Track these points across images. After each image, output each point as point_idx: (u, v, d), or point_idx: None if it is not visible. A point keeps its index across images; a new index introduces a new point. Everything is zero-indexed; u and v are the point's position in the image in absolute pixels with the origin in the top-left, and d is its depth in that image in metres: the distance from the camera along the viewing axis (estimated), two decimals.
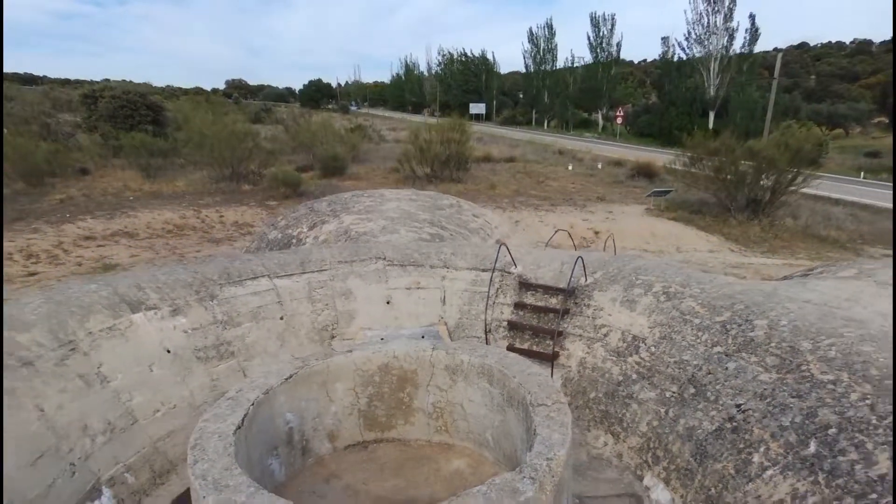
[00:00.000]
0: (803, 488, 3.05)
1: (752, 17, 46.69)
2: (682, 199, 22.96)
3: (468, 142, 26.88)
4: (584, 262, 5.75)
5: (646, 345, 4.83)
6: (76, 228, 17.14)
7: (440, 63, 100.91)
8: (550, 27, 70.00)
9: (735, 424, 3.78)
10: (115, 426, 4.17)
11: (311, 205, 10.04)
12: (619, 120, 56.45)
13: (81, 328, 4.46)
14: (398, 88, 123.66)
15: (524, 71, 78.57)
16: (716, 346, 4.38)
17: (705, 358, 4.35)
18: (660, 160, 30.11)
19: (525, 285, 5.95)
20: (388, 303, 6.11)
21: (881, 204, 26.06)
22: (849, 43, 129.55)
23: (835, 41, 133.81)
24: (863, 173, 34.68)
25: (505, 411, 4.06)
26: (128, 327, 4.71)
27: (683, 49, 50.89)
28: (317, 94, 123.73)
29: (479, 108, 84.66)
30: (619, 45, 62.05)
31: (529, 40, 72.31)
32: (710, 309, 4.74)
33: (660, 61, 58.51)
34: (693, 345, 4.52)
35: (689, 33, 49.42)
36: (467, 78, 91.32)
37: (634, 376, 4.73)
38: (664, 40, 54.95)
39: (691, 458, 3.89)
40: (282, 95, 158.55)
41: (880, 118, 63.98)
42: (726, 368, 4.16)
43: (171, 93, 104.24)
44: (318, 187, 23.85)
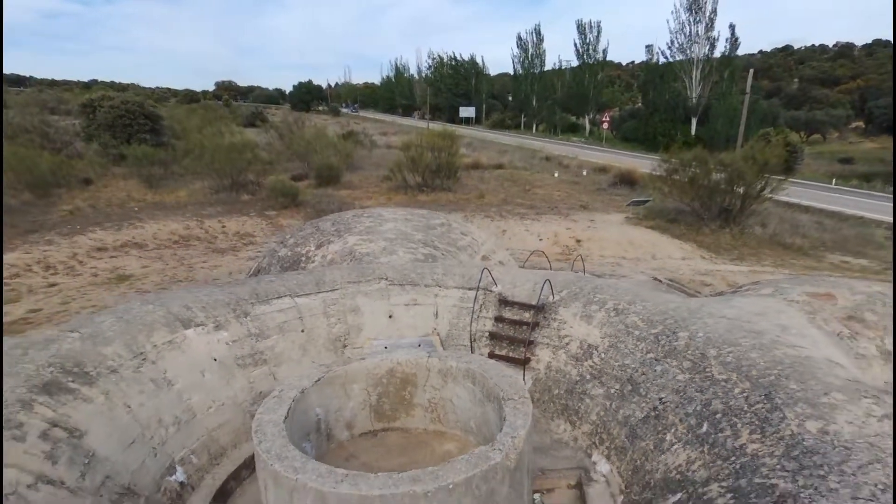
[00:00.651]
0: (694, 456, 4.29)
1: (732, 27, 48.27)
2: (660, 208, 24.28)
3: (457, 152, 28.08)
4: (551, 283, 6.98)
5: (598, 352, 6.07)
6: (88, 240, 18.13)
7: (430, 66, 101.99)
8: (539, 33, 71.49)
9: (657, 413, 5.01)
10: (181, 419, 5.33)
11: (316, 223, 11.18)
12: (605, 125, 57.93)
13: (148, 342, 5.61)
14: (388, 91, 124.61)
15: (513, 73, 79.92)
16: (649, 353, 5.62)
17: (641, 362, 5.59)
18: (644, 166, 31.42)
19: (504, 302, 7.17)
20: (390, 317, 7.30)
21: (849, 211, 27.51)
22: (832, 46, 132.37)
23: (818, 44, 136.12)
24: (834, 180, 36.27)
25: (484, 405, 5.26)
26: (182, 341, 5.86)
27: (667, 57, 52.50)
28: (307, 96, 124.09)
29: (468, 111, 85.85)
30: (605, 51, 63.61)
31: (518, 45, 73.68)
32: (648, 323, 5.99)
33: (644, 66, 60.24)
34: (633, 352, 5.76)
35: (672, 42, 51.00)
36: (457, 81, 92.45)
37: (588, 377, 5.96)
38: (648, 48, 56.58)
39: (625, 439, 5.12)
40: (272, 97, 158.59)
41: (857, 123, 66.01)
42: (655, 370, 5.40)
43: (162, 95, 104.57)
44: (315, 197, 24.92)
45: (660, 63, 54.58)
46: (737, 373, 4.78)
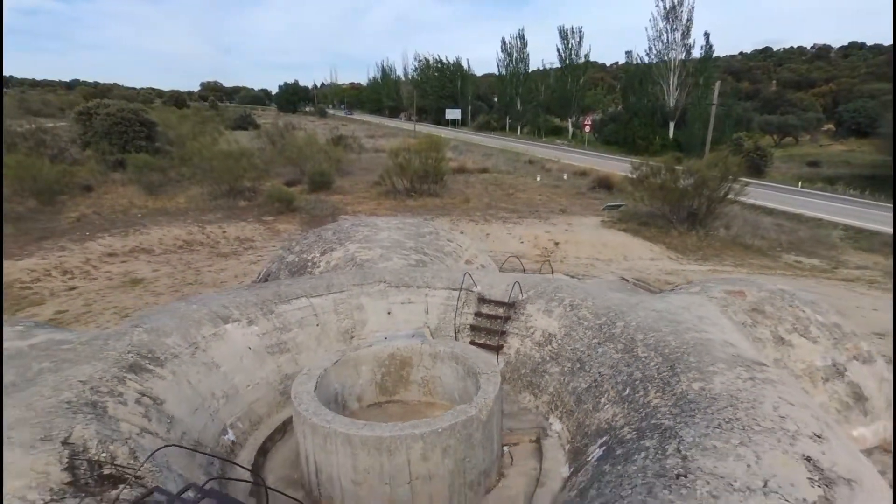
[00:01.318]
0: (618, 411, 5.85)
1: (707, 35, 50.36)
2: (633, 212, 26.00)
3: (444, 159, 29.58)
4: (520, 285, 8.53)
5: (556, 339, 7.62)
6: (98, 246, 19.36)
7: (416, 69, 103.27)
8: (522, 37, 73.24)
9: (596, 383, 6.57)
10: (228, 394, 6.79)
11: (318, 232, 12.62)
12: (588, 128, 59.84)
13: (199, 334, 7.06)
14: (375, 92, 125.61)
15: (498, 74, 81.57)
16: (594, 339, 7.18)
17: (587, 346, 7.15)
18: (623, 169, 33.09)
19: (482, 300, 8.70)
20: (389, 313, 8.80)
21: (810, 213, 29.41)
22: (810, 48, 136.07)
23: (797, 46, 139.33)
24: (801, 183, 38.34)
25: (465, 380, 6.78)
26: (224, 333, 7.32)
27: (645, 63, 54.48)
28: (294, 97, 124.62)
29: (454, 113, 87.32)
30: (587, 55, 65.50)
31: (503, 49, 75.33)
32: (595, 315, 7.55)
33: (624, 70, 62.24)
34: (582, 338, 7.32)
35: (651, 49, 52.98)
36: (443, 83, 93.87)
37: (548, 358, 7.51)
38: (628, 54, 58.54)
39: (573, 405, 6.68)
40: (258, 98, 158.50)
41: (829, 125, 68.61)
42: (597, 351, 6.96)
43: (147, 96, 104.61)
44: (308, 203, 26.26)
45: (638, 66, 56.61)
46: (654, 351, 6.36)
